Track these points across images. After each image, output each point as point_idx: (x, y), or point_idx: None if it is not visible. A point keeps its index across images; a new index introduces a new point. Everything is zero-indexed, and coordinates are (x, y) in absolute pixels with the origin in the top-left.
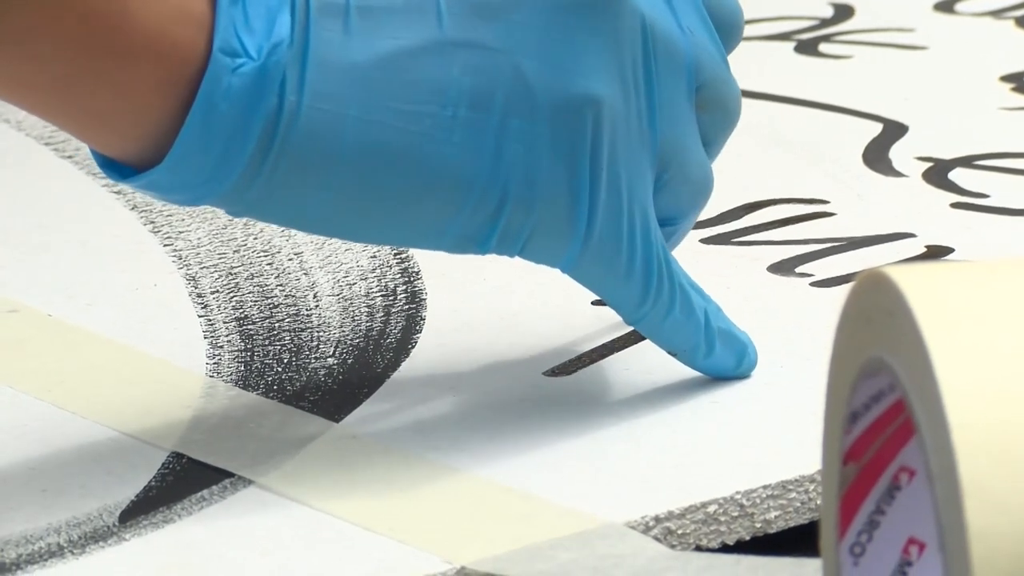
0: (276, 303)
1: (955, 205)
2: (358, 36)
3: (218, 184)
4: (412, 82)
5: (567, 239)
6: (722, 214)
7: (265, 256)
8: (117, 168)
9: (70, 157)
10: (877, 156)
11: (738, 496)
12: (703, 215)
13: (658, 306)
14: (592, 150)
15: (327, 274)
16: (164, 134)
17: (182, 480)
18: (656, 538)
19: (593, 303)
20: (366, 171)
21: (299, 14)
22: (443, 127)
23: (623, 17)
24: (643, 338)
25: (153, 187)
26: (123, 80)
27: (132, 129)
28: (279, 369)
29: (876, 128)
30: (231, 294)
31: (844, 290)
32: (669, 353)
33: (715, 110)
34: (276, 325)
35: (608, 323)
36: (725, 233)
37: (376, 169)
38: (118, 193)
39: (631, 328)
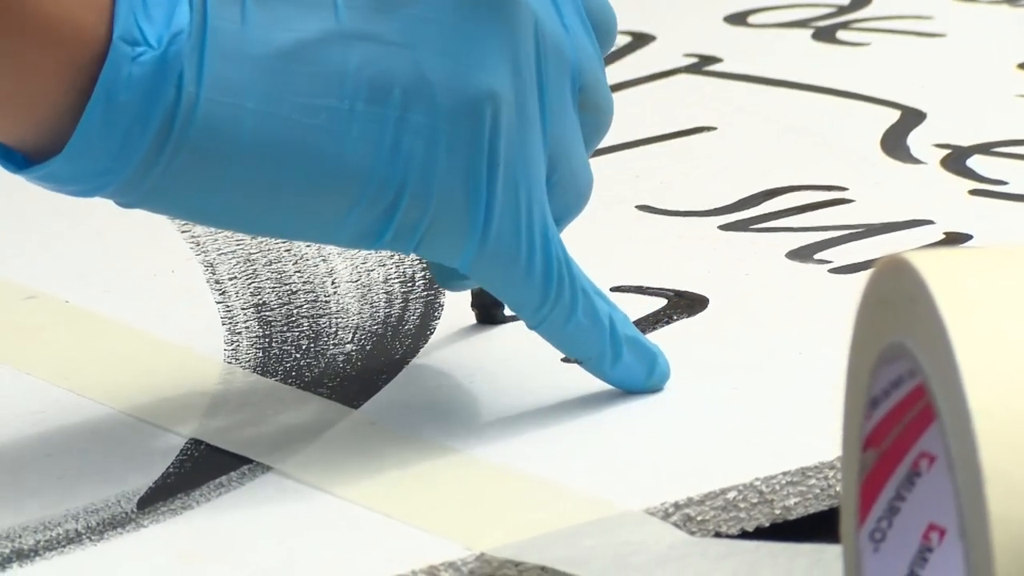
0: (294, 289)
1: (973, 192)
2: (256, 27)
3: (115, 175)
4: (310, 74)
5: (464, 236)
6: (740, 201)
7: (283, 242)
8: (12, 159)
9: None
10: (895, 143)
11: (758, 483)
12: (721, 201)
13: (559, 309)
14: (490, 146)
15: (345, 260)
16: (62, 122)
17: (200, 466)
18: (675, 525)
19: (613, 289)
20: (263, 163)
21: (197, 3)
22: (340, 120)
23: (519, 14)
24: (662, 325)
25: (50, 178)
26: (22, 63)
27: (29, 115)
28: (297, 355)
29: (894, 115)
30: (249, 280)
31: (863, 277)
32: (576, 362)
33: (593, 113)
34: (294, 311)
35: (627, 309)
36: (743, 220)
37: (273, 161)
38: None
39: (649, 314)
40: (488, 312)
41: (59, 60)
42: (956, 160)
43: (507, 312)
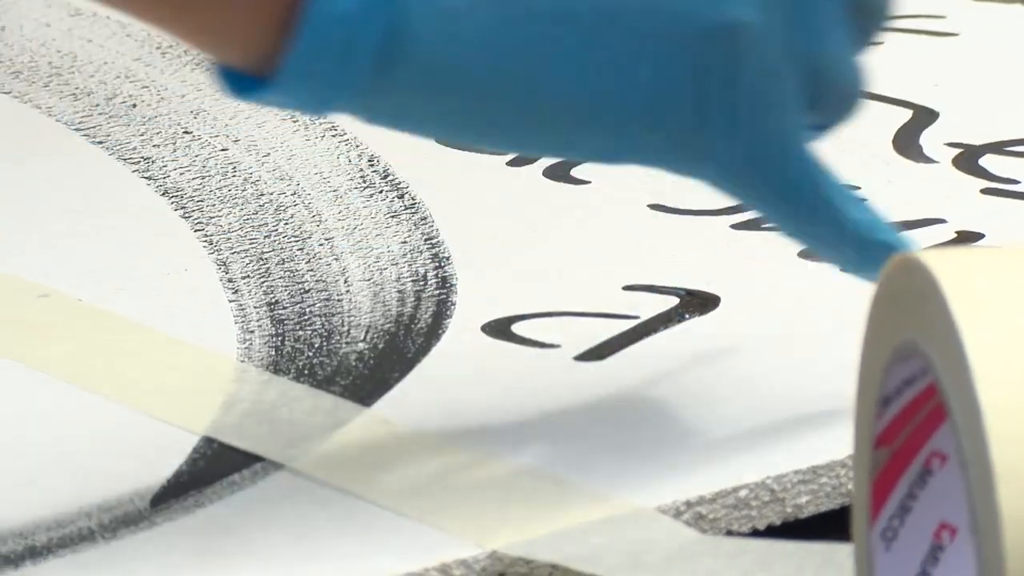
0: (307, 288)
1: (985, 191)
2: None
3: (334, 99)
4: (540, 2)
5: (703, 158)
6: None
7: (296, 241)
8: (238, 81)
9: (101, 143)
10: (907, 142)
11: (769, 481)
12: (733, 201)
13: (815, 219)
14: (732, 72)
15: (358, 259)
16: (277, 47)
17: (213, 464)
18: (687, 523)
19: (624, 288)
20: (492, 91)
21: None
22: (571, 46)
23: None
24: (674, 323)
25: (274, 102)
26: None
27: (246, 41)
28: (310, 354)
29: (906, 114)
30: (262, 279)
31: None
32: (839, 268)
33: (865, 14)
34: (307, 310)
35: (639, 308)
36: (755, 219)
37: (502, 88)
38: (149, 179)
39: (660, 313)
40: None
41: None
42: (968, 159)
43: None
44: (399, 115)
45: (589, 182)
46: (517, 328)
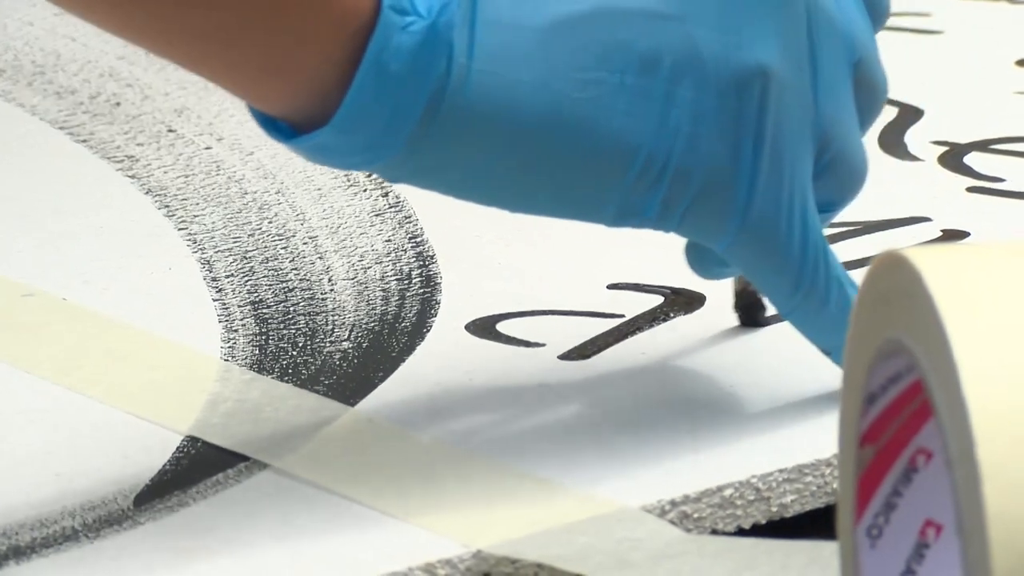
0: (291, 287)
1: (971, 189)
2: (526, 0)
3: (385, 149)
4: (581, 47)
5: (726, 214)
6: None
7: (280, 240)
8: (281, 129)
9: (84, 141)
10: (893, 140)
11: (754, 480)
12: None
13: (812, 297)
14: (757, 123)
15: (342, 258)
16: (330, 93)
17: (197, 464)
18: (672, 522)
19: (609, 287)
20: (534, 138)
21: None
22: (611, 94)
23: None
24: (659, 322)
25: (320, 149)
26: (290, 29)
27: (298, 84)
28: (294, 353)
29: (892, 112)
30: (246, 278)
31: (860, 274)
32: (822, 351)
33: (867, 91)
34: (291, 309)
35: (623, 307)
36: None
37: (544, 136)
38: (132, 177)
39: (645, 312)
40: (751, 314)
41: (326, 27)
42: (954, 157)
43: (769, 314)
44: (441, 164)
45: None
46: (502, 327)
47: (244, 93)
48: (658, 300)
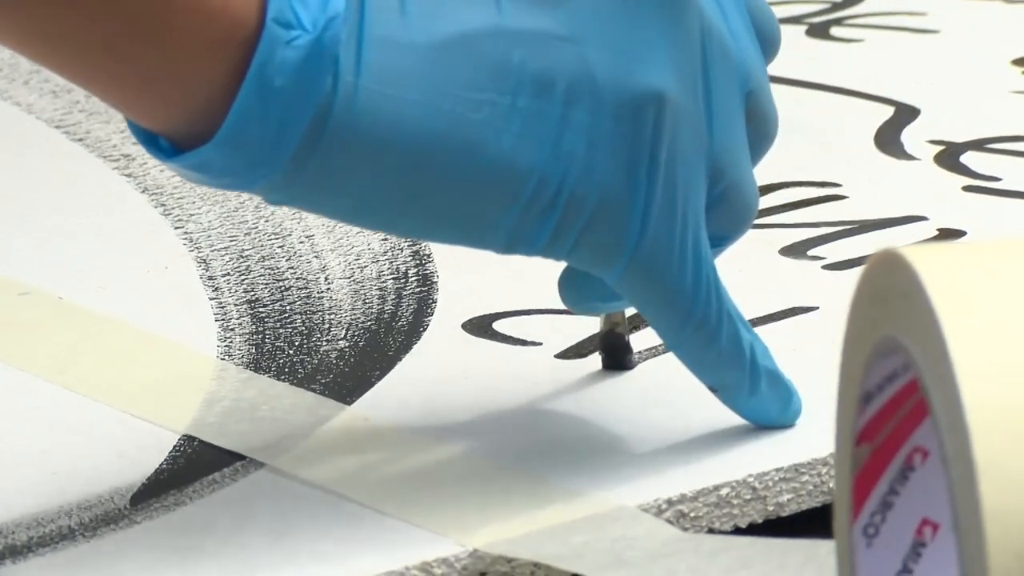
0: (287, 285)
1: (967, 188)
2: (416, 16)
3: (268, 167)
4: (472, 67)
5: (619, 242)
6: None
7: (276, 239)
8: (162, 148)
9: (80, 140)
10: (889, 139)
11: (751, 479)
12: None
13: (703, 331)
14: (652, 148)
15: (338, 256)
16: (213, 108)
17: (193, 463)
18: (669, 521)
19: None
20: (423, 159)
21: None
22: (502, 115)
23: (687, 13)
24: None
25: (201, 168)
26: (173, 42)
27: (179, 97)
28: (290, 352)
29: (888, 111)
30: (242, 277)
31: (856, 273)
32: (709, 388)
33: (759, 122)
34: (287, 307)
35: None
36: None
37: (433, 157)
38: (129, 176)
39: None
40: (616, 357)
41: (209, 40)
42: (950, 156)
43: (635, 358)
44: (326, 185)
45: None
46: (498, 326)
47: (125, 107)
48: None
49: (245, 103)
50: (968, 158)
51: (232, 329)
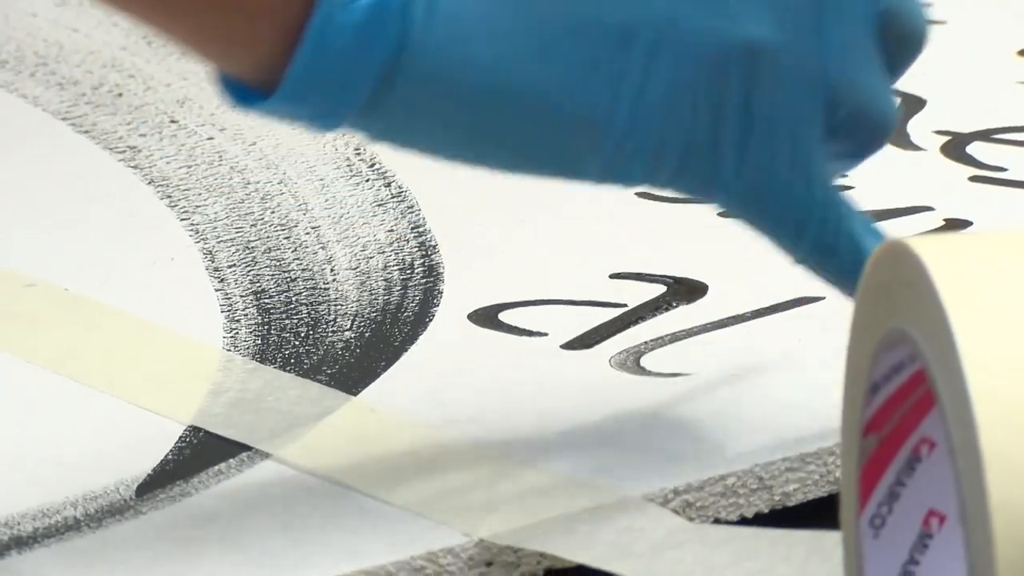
0: (293, 277)
1: (973, 179)
2: None
3: (335, 118)
4: (553, 19)
5: (712, 181)
6: None
7: (282, 230)
8: (241, 94)
9: (87, 132)
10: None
11: (757, 468)
12: None
13: (819, 250)
14: (745, 96)
15: (344, 248)
16: (275, 59)
17: (199, 453)
18: (675, 511)
19: (612, 276)
20: (499, 111)
21: None
22: (579, 67)
23: None
24: (661, 311)
25: (275, 116)
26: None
27: (246, 53)
28: (296, 343)
29: None
30: (248, 268)
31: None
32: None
33: (898, 35)
34: (293, 299)
35: (626, 296)
36: None
37: (510, 106)
38: (135, 167)
39: (647, 301)
40: None
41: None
42: (956, 147)
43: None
44: (406, 130)
45: None
46: (504, 316)
47: (204, 57)
48: (660, 289)
49: (304, 60)
50: (974, 148)
51: (238, 320)
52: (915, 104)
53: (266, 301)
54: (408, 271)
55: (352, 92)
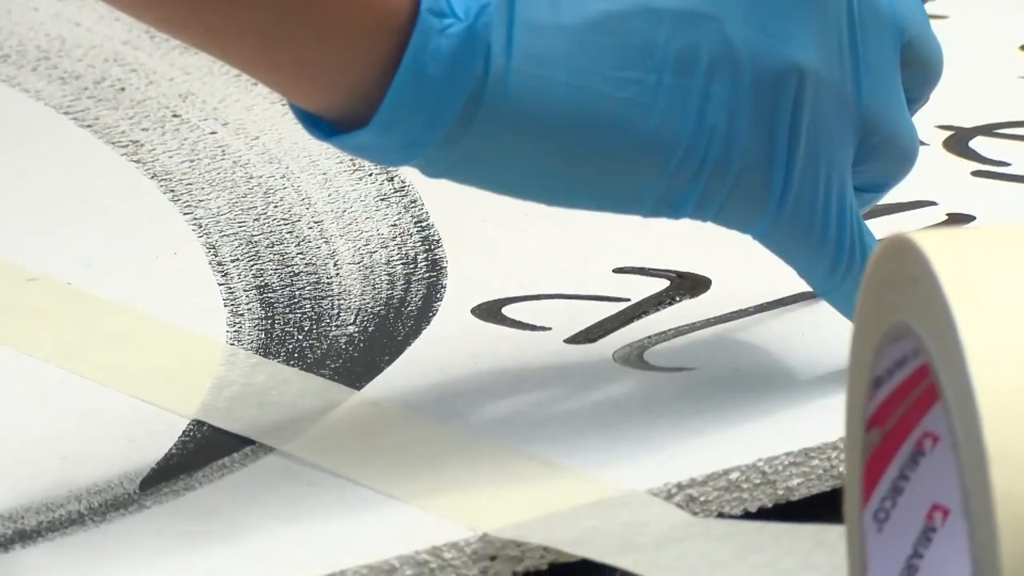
0: (296, 271)
1: (976, 173)
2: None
3: (422, 146)
4: (618, 46)
5: (761, 207)
6: None
7: (285, 224)
8: (321, 127)
9: (89, 126)
10: None
11: (760, 463)
12: None
13: (849, 279)
14: (792, 118)
15: (347, 242)
16: (369, 93)
17: (203, 448)
18: (678, 505)
19: (615, 271)
20: (571, 137)
21: None
22: (647, 93)
23: None
24: (664, 306)
25: (359, 148)
26: (328, 30)
27: (337, 83)
28: (300, 337)
29: None
30: (251, 262)
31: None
32: None
33: (918, 67)
34: (297, 293)
35: (629, 291)
36: None
37: (581, 135)
38: (138, 162)
39: (651, 295)
40: None
41: (364, 28)
42: (959, 141)
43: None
44: (475, 162)
45: None
46: (508, 311)
47: (284, 91)
48: (664, 284)
49: (400, 91)
50: (977, 143)
51: (241, 314)
52: None
53: (270, 295)
54: (411, 265)
55: (440, 121)
